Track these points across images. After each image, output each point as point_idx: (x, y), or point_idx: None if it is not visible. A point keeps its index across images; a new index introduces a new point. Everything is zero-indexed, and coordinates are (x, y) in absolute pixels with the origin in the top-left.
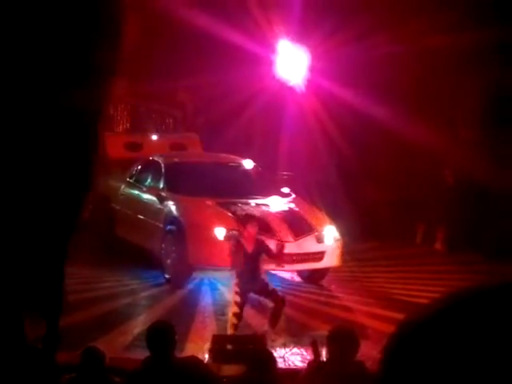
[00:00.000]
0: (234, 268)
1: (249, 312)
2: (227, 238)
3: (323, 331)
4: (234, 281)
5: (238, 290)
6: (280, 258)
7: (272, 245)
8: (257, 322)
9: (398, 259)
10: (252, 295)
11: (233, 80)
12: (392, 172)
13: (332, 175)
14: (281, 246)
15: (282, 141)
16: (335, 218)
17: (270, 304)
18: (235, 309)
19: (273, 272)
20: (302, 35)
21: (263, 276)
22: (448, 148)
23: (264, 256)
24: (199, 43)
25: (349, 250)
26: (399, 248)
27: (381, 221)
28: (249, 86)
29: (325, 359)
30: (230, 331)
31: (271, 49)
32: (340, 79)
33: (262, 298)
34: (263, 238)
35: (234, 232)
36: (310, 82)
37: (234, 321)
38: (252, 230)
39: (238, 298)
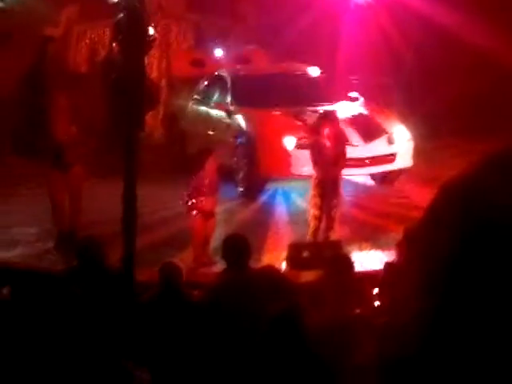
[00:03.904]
0: (315, 168)
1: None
2: (298, 147)
3: (399, 232)
4: (313, 182)
5: (317, 191)
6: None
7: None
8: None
9: (475, 154)
10: None
11: None
12: (462, 72)
13: (402, 76)
14: None
15: (345, 46)
16: (407, 118)
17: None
18: (316, 212)
19: (346, 177)
20: None
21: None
22: None
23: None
24: None
25: (422, 150)
26: (476, 143)
27: (456, 118)
28: None
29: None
30: (311, 234)
31: None
32: None
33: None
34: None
35: (304, 140)
36: None
37: (317, 223)
38: (332, 126)
39: (318, 201)
